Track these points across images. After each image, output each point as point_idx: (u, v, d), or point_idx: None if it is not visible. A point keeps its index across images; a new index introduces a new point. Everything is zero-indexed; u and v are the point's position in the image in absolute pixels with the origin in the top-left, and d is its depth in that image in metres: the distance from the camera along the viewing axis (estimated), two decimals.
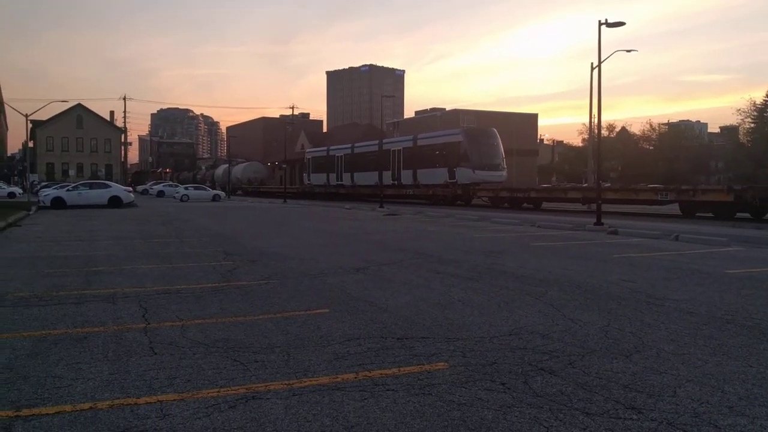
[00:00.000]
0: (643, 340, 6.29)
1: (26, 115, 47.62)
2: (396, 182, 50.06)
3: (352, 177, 58.17)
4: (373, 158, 53.55)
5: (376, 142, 55.61)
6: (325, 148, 69.12)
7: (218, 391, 4.73)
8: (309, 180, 68.27)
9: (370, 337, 6.38)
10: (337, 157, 61.72)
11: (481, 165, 43.10)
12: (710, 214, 28.36)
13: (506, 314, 7.50)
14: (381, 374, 5.15)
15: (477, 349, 5.94)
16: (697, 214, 29.02)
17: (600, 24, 23.75)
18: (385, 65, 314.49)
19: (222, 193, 61.12)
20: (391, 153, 50.50)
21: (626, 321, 7.14)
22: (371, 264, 12.01)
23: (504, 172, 45.36)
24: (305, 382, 4.96)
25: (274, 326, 6.83)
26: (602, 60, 24.57)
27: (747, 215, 27.30)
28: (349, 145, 61.22)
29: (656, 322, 7.10)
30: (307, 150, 73.95)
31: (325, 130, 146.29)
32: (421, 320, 7.15)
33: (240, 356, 5.66)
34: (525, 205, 39.63)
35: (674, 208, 31.46)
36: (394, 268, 11.47)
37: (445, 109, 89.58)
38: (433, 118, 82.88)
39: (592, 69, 38.39)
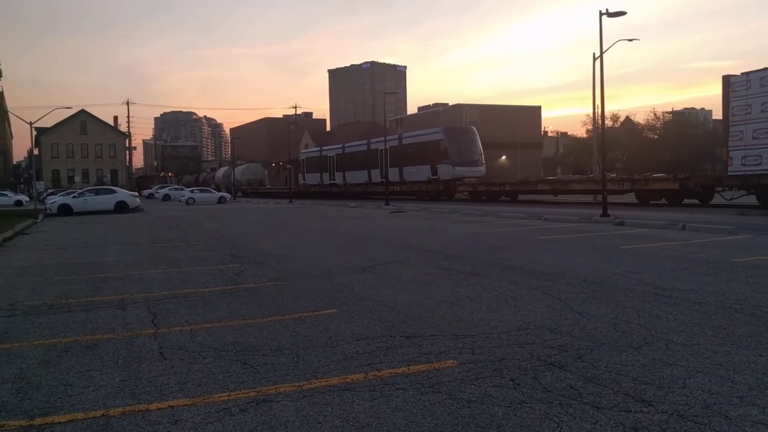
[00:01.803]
0: (652, 331, 6.28)
1: (30, 123, 47.76)
2: (384, 179, 51.54)
3: (344, 176, 60.76)
4: (362, 157, 56.58)
5: (365, 141, 58.32)
6: (318, 148, 72.12)
7: (229, 395, 4.75)
8: (304, 180, 70.74)
9: (379, 336, 6.39)
10: (329, 157, 64.22)
11: (460, 161, 45.23)
12: (664, 201, 30.60)
13: (514, 309, 7.50)
14: (390, 373, 5.17)
15: (485, 345, 5.94)
16: (651, 202, 31.11)
17: (601, 14, 23.65)
18: (387, 62, 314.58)
19: (228, 195, 61.36)
20: (378, 152, 52.66)
21: (634, 313, 7.13)
22: (378, 262, 12.02)
23: (482, 168, 47.33)
24: (315, 383, 4.97)
25: (282, 328, 6.85)
26: (604, 50, 24.49)
27: (695, 201, 29.84)
28: (340, 145, 63.92)
29: (664, 313, 7.09)
30: (302, 151, 76.11)
31: (328, 128, 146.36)
32: (429, 318, 7.16)
33: (249, 359, 5.68)
34: (503, 198, 41.69)
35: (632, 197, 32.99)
36: (401, 266, 11.48)
37: (447, 104, 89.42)
38: (435, 113, 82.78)
39: (594, 59, 38.26)
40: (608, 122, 79.16)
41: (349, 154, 60.47)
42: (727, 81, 26.49)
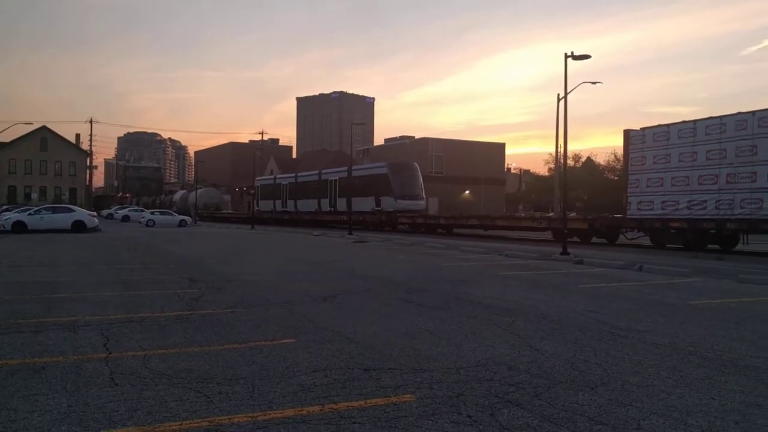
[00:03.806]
0: (608, 371, 6.33)
1: None
2: (333, 209, 55.18)
3: (295, 204, 63.37)
4: (314, 187, 59.52)
5: (317, 172, 61.46)
6: (273, 177, 75.42)
7: (181, 424, 4.62)
8: (258, 206, 72.50)
9: (337, 368, 6.32)
10: (283, 185, 67.00)
11: (402, 195, 48.43)
12: (576, 239, 32.93)
13: (473, 345, 7.50)
14: (347, 407, 5.10)
15: (444, 380, 5.92)
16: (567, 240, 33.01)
17: (566, 56, 24.25)
18: (356, 93, 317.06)
19: (188, 219, 60.57)
20: (329, 183, 56.14)
21: (591, 352, 7.19)
22: (339, 292, 11.94)
23: (422, 202, 50.79)
24: (270, 414, 4.88)
25: (239, 357, 6.72)
26: (568, 91, 25.07)
27: (603, 240, 32.94)
28: (293, 175, 67.19)
29: (621, 353, 7.17)
30: (257, 178, 77.22)
31: (294, 155, 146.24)
32: (388, 351, 7.11)
33: (204, 388, 5.55)
34: (439, 230, 45.13)
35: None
36: (363, 297, 11.42)
37: (414, 137, 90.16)
38: (402, 145, 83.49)
39: (559, 100, 39.15)
40: (570, 162, 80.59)
41: (301, 183, 63.17)
42: (627, 135, 29.67)
